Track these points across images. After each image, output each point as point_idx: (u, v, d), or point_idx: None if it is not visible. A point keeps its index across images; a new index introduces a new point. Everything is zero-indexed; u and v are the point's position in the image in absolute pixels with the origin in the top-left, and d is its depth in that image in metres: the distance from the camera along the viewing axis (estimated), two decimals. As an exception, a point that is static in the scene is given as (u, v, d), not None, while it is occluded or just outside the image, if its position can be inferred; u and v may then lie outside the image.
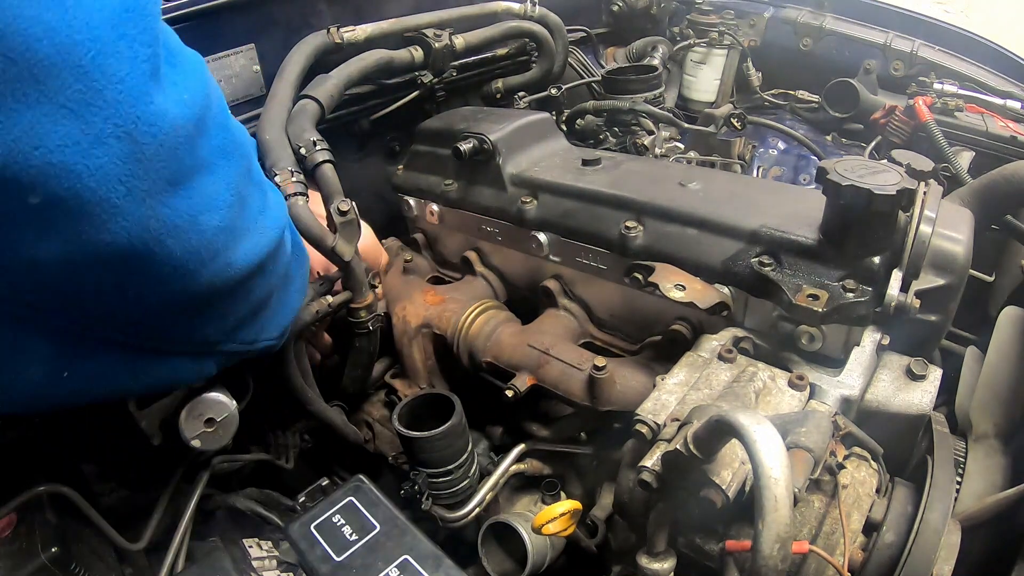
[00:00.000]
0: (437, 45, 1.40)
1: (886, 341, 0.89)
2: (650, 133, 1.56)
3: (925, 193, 0.81)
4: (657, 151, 1.49)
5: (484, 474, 1.08)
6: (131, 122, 0.53)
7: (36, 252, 0.53)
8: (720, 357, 0.83)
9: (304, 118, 1.10)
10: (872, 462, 0.77)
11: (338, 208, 0.98)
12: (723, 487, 0.61)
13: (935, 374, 0.85)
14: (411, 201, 1.36)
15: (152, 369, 0.75)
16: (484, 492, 1.05)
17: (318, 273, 1.07)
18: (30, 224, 0.51)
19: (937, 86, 1.65)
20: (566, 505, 0.89)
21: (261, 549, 0.87)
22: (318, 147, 1.04)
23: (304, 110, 1.12)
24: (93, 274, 0.58)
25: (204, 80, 0.64)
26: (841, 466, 0.71)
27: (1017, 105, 1.57)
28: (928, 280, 0.86)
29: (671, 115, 1.58)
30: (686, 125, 1.58)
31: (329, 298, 1.05)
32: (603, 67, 1.98)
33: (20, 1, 0.45)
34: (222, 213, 0.65)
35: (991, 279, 1.40)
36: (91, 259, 0.56)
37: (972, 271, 0.96)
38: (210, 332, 0.76)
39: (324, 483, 1.09)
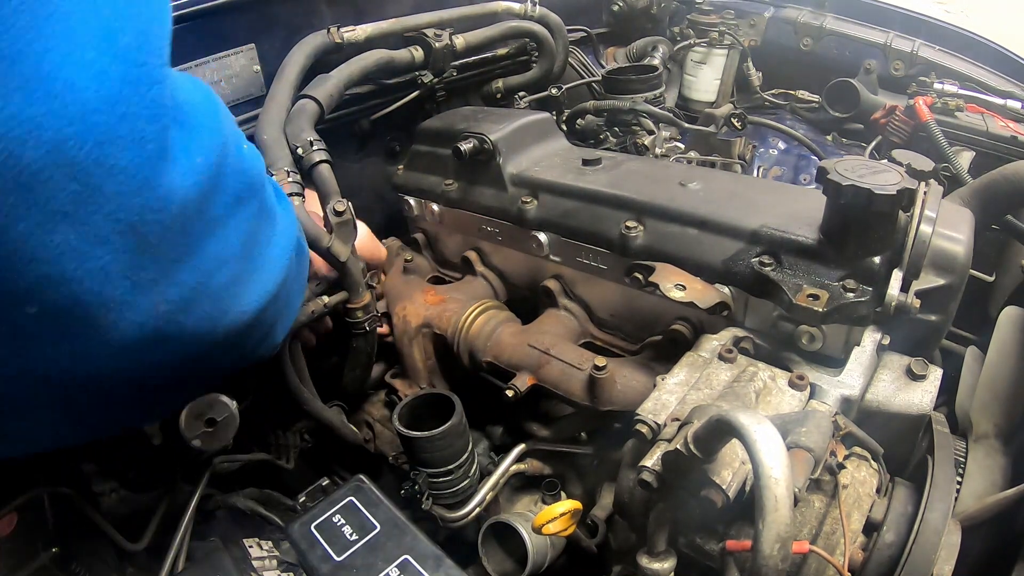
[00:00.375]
0: (437, 45, 1.40)
1: (886, 341, 0.89)
2: (650, 133, 1.56)
3: (925, 193, 0.81)
4: (657, 151, 1.49)
5: (484, 474, 1.08)
6: (135, 214, 0.46)
7: (50, 354, 0.49)
8: (720, 357, 0.83)
9: (302, 118, 1.10)
10: (872, 462, 0.77)
11: (334, 208, 0.98)
12: (723, 487, 0.61)
13: (935, 374, 0.85)
14: (411, 201, 1.36)
15: (172, 400, 0.75)
16: (484, 492, 1.05)
17: (314, 273, 1.07)
18: (36, 330, 0.47)
19: (937, 86, 1.65)
20: (566, 505, 0.89)
21: (261, 549, 0.87)
22: (315, 147, 1.04)
23: (303, 110, 1.12)
24: (110, 365, 0.54)
25: (218, 125, 0.56)
26: (841, 466, 0.71)
27: (1017, 105, 1.57)
28: (928, 280, 0.86)
29: (671, 115, 1.58)
30: (686, 125, 1.58)
31: (325, 298, 1.05)
32: (603, 67, 1.98)
33: None
34: (231, 265, 0.59)
35: (991, 279, 1.40)
36: (105, 354, 0.52)
37: (972, 271, 0.96)
38: (227, 364, 0.74)
39: (324, 483, 1.09)
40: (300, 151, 1.04)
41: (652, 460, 0.66)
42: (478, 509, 1.04)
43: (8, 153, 0.38)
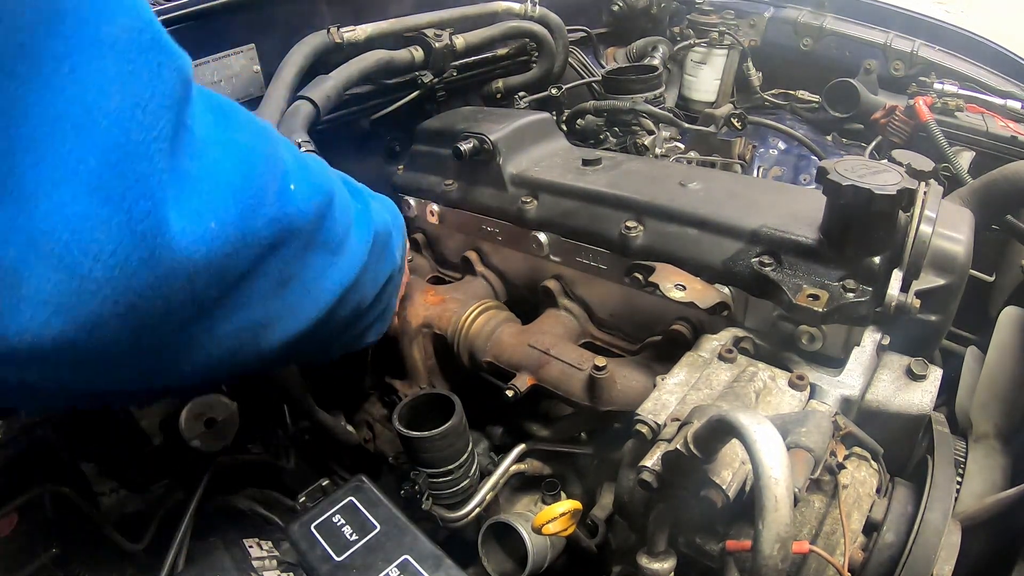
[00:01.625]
0: (437, 45, 1.40)
1: (886, 341, 0.89)
2: (650, 133, 1.56)
3: (925, 193, 0.81)
4: (657, 151, 1.49)
5: (484, 474, 1.08)
6: (134, 295, 0.45)
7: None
8: (720, 357, 0.83)
9: (295, 120, 1.10)
10: (872, 462, 0.77)
11: None
12: (723, 487, 0.61)
13: (935, 374, 0.85)
14: (411, 201, 1.36)
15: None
16: (484, 492, 1.05)
17: None
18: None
19: (937, 86, 1.65)
20: (566, 505, 0.89)
21: (261, 549, 0.87)
22: (303, 149, 1.04)
23: (297, 111, 1.12)
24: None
25: (246, 177, 0.53)
26: (841, 466, 0.71)
27: (1017, 105, 1.57)
28: (928, 280, 0.86)
29: (671, 115, 1.58)
30: (686, 125, 1.58)
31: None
32: (603, 67, 1.98)
33: None
34: (255, 308, 0.58)
35: (991, 279, 1.40)
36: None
37: (972, 271, 0.96)
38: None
39: (324, 483, 1.09)
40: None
41: (652, 460, 0.66)
42: (478, 509, 1.04)
43: None
